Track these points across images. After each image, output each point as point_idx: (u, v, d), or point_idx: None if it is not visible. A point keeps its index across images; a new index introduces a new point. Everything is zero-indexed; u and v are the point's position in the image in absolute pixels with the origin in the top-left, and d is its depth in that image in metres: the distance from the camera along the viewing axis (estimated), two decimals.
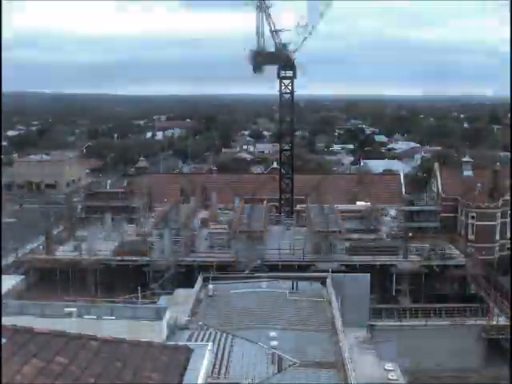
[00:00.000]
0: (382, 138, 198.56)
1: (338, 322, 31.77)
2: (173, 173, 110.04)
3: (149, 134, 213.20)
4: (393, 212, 61.46)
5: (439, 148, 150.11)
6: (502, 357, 43.21)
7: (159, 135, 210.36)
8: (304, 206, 60.26)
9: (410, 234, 51.26)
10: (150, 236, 50.17)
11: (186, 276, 45.08)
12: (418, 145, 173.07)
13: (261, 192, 68.94)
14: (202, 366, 10.52)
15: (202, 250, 50.96)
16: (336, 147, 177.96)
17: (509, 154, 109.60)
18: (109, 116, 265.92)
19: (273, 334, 28.66)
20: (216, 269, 44.10)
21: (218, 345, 27.80)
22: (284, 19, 65.10)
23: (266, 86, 72.06)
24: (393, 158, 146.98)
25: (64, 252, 50.77)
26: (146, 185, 70.01)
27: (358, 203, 64.62)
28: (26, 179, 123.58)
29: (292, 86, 66.02)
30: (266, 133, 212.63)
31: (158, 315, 27.54)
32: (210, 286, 37.18)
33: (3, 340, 8.91)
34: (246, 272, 43.37)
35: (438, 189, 70.88)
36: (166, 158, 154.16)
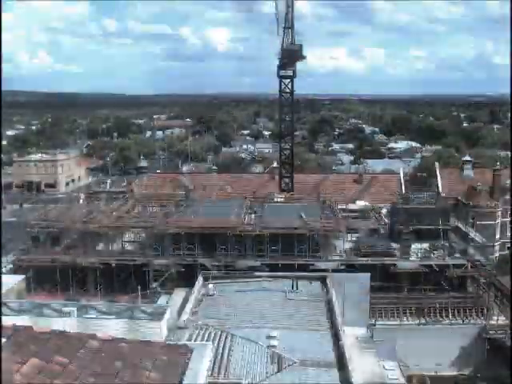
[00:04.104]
0: (382, 138, 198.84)
1: (338, 322, 31.77)
2: (173, 172, 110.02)
3: (148, 134, 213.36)
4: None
5: (439, 147, 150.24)
6: (502, 357, 43.21)
7: (159, 134, 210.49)
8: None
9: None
10: None
11: (186, 275, 45.06)
12: (418, 145, 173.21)
13: (261, 191, 68.82)
14: (201, 365, 10.50)
15: None
16: (336, 147, 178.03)
17: (509, 153, 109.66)
18: (109, 116, 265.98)
19: (273, 333, 28.65)
20: None
21: (218, 344, 27.79)
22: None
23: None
24: (393, 157, 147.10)
25: None
26: (145, 184, 70.06)
27: (358, 203, 64.56)
28: (26, 179, 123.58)
29: (292, 85, 65.92)
30: (265, 132, 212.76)
31: (158, 315, 27.56)
32: (210, 286, 37.21)
33: (3, 340, 8.90)
34: None
35: (438, 189, 70.87)
36: (166, 157, 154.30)
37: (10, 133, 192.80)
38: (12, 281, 36.44)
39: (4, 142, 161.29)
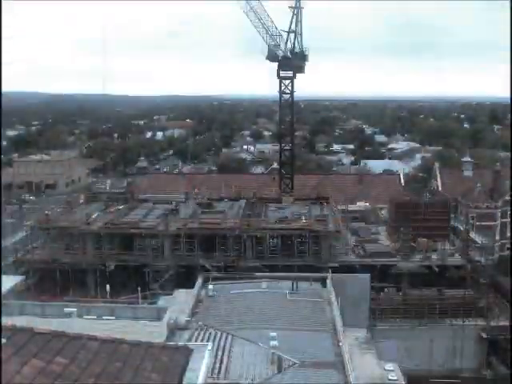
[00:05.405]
0: (382, 138, 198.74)
1: (338, 322, 31.78)
2: (173, 173, 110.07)
3: (149, 134, 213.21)
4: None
5: (439, 148, 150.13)
6: (502, 357, 43.23)
7: (159, 135, 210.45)
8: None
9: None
10: None
11: (186, 276, 45.07)
12: (418, 145, 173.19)
13: (261, 192, 68.77)
14: (201, 366, 10.53)
15: None
16: (336, 147, 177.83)
17: (509, 153, 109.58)
18: (109, 116, 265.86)
19: (273, 334, 28.62)
20: None
21: (218, 345, 27.81)
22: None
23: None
24: (393, 158, 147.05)
25: None
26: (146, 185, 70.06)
27: (358, 203, 64.59)
28: (26, 179, 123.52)
29: (292, 86, 65.86)
30: (266, 133, 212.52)
31: (158, 315, 27.61)
32: (210, 286, 37.19)
33: (3, 340, 8.91)
34: None
35: (438, 189, 70.91)
36: (166, 157, 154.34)
37: (10, 133, 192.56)
38: (12, 281, 36.47)
39: (4, 143, 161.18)
